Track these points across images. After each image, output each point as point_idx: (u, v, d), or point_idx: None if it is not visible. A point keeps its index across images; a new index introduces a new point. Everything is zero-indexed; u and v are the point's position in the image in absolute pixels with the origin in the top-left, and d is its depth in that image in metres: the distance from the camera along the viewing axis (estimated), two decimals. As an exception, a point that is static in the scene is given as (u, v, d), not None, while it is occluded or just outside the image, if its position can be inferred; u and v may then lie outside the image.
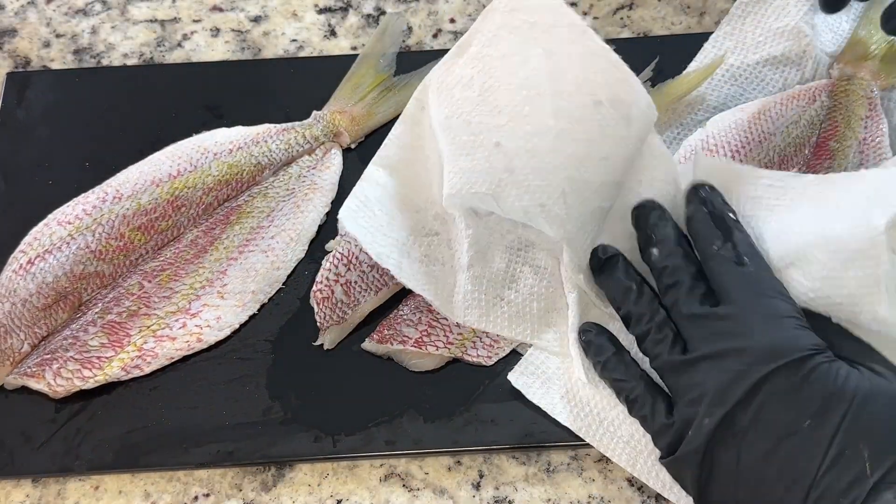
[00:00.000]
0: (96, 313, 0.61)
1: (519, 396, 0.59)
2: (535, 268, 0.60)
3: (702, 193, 0.55)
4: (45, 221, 0.63)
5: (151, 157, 0.66)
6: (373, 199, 0.59)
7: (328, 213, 0.66)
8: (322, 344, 0.61)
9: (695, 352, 0.51)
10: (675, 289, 0.53)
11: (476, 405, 0.60)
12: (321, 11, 0.78)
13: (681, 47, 0.72)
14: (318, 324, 0.61)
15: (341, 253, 0.63)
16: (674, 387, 0.52)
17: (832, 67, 0.70)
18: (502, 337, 0.60)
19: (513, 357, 0.61)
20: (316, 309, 0.61)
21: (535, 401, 0.59)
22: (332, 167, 0.68)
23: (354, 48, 0.76)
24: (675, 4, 0.77)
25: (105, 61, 0.75)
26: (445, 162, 0.56)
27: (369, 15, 0.77)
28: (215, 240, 0.64)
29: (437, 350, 0.60)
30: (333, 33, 0.76)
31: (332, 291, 0.61)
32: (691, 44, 0.72)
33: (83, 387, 0.59)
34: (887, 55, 0.69)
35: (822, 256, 0.52)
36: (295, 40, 0.76)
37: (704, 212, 0.55)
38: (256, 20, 0.77)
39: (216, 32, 0.77)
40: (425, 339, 0.60)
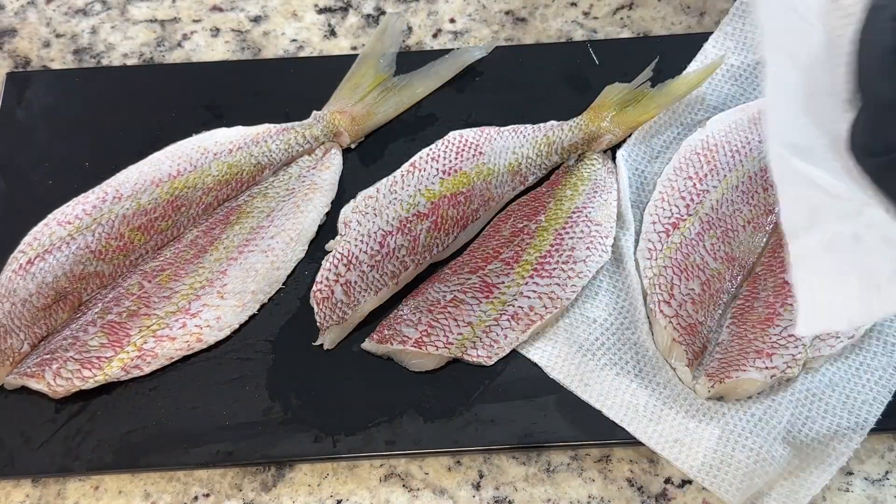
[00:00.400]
0: (96, 313, 0.61)
1: (519, 396, 0.59)
2: None
3: None
4: (45, 221, 0.63)
5: (151, 157, 0.66)
6: None
7: (328, 213, 0.66)
8: (322, 344, 0.61)
9: None
10: None
11: (476, 405, 0.60)
12: (321, 11, 0.78)
13: (681, 47, 0.72)
14: (318, 324, 0.61)
15: (341, 253, 0.63)
16: None
17: (832, 67, 0.70)
18: (502, 337, 0.61)
19: (513, 357, 0.61)
20: (316, 309, 0.62)
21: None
22: (332, 167, 0.68)
23: (354, 48, 0.76)
24: (675, 4, 0.77)
25: (105, 61, 0.75)
26: None
27: (369, 15, 0.77)
28: (215, 240, 0.64)
29: (437, 350, 0.60)
30: (333, 33, 0.76)
31: (332, 291, 0.61)
32: (691, 44, 0.72)
33: (83, 387, 0.59)
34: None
35: None
36: (295, 40, 0.76)
37: None
38: (256, 20, 0.77)
39: (216, 32, 0.77)
40: (425, 339, 0.60)
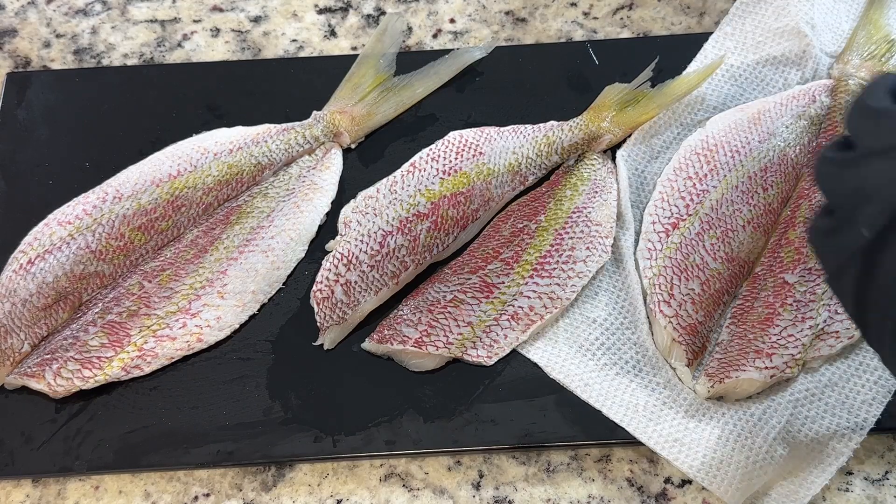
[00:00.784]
0: (96, 313, 0.61)
1: (519, 396, 0.59)
2: None
3: None
4: (45, 221, 0.63)
5: (151, 157, 0.66)
6: None
7: (328, 213, 0.66)
8: (322, 344, 0.61)
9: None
10: None
11: (476, 405, 0.60)
12: (321, 11, 0.77)
13: (681, 47, 0.72)
14: (318, 324, 0.61)
15: (341, 253, 0.63)
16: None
17: (832, 67, 0.70)
18: (502, 337, 0.61)
19: (513, 357, 0.61)
20: (316, 309, 0.62)
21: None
22: (332, 167, 0.68)
23: (354, 48, 0.76)
24: (675, 4, 0.77)
25: (105, 61, 0.75)
26: None
27: (369, 15, 0.77)
28: (215, 240, 0.64)
29: (437, 350, 0.60)
30: (333, 33, 0.76)
31: (332, 291, 0.61)
32: (691, 44, 0.72)
33: (83, 387, 0.59)
34: (887, 55, 0.69)
35: None
36: (295, 40, 0.76)
37: None
38: (256, 20, 0.77)
39: (216, 32, 0.77)
40: (425, 339, 0.60)
